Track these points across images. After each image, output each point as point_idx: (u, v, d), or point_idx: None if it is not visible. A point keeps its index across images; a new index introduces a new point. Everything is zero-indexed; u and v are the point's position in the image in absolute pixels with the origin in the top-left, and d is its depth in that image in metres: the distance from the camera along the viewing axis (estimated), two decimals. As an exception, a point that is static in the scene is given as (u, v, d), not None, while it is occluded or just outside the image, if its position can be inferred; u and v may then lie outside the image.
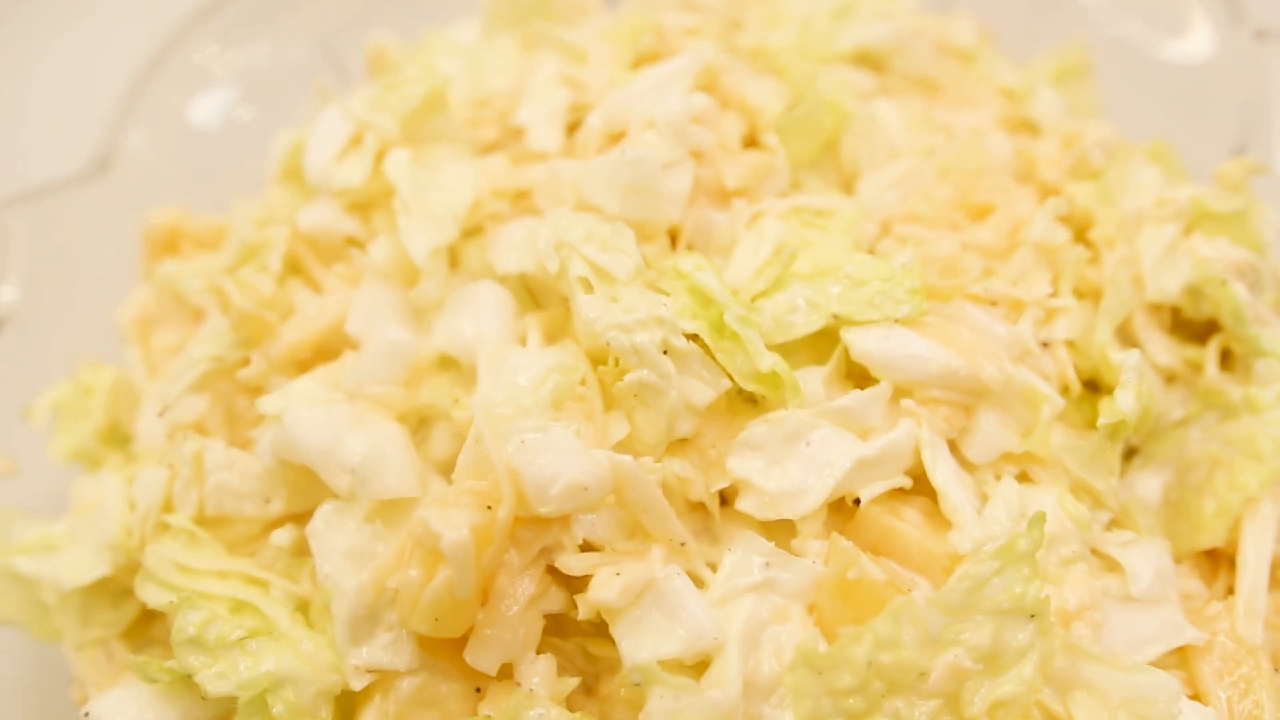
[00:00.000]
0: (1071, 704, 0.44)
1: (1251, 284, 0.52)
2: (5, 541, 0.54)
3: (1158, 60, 0.66)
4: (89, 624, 0.53)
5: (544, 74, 0.60)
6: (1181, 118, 0.65)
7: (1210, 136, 0.63)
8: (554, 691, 0.44)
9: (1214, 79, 0.64)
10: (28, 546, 0.53)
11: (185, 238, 0.63)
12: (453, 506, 0.43)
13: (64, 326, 0.64)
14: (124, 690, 0.48)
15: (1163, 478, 0.52)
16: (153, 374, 0.59)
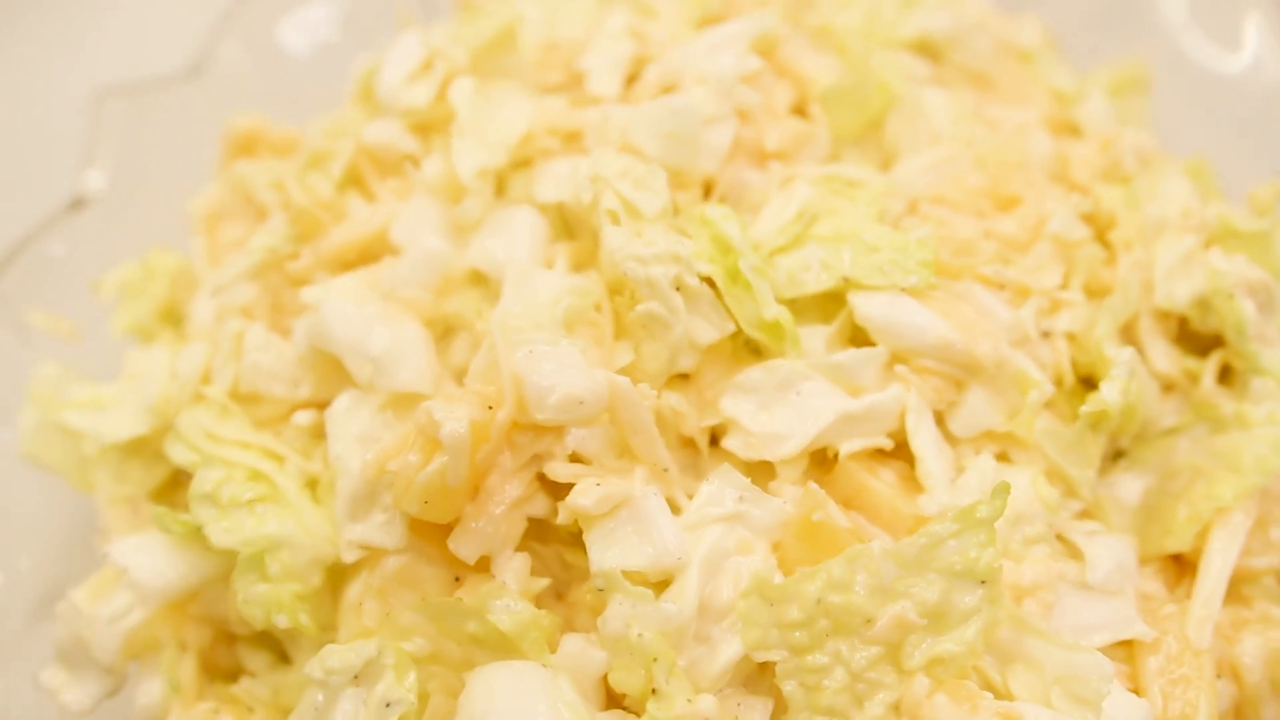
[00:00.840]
0: (1010, 675, 0.45)
1: (1262, 304, 0.52)
2: (60, 397, 0.59)
3: (1220, 78, 0.67)
4: (122, 480, 0.57)
5: (613, 25, 0.62)
6: (1235, 137, 0.65)
7: (1262, 158, 0.64)
8: (524, 588, 0.47)
9: (1272, 100, 0.64)
10: (79, 404, 0.58)
11: (262, 144, 0.67)
12: (457, 402, 0.46)
13: (141, 213, 0.69)
14: (142, 538, 0.52)
15: (1145, 481, 0.53)
16: (214, 263, 0.63)
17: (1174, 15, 0.72)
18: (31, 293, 0.65)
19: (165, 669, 0.51)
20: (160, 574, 0.51)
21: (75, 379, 0.60)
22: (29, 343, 0.63)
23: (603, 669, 0.46)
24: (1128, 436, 0.54)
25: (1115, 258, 0.54)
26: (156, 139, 0.71)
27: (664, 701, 0.43)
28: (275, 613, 0.47)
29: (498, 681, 0.45)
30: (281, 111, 0.72)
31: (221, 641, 0.53)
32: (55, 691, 0.51)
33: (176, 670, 0.51)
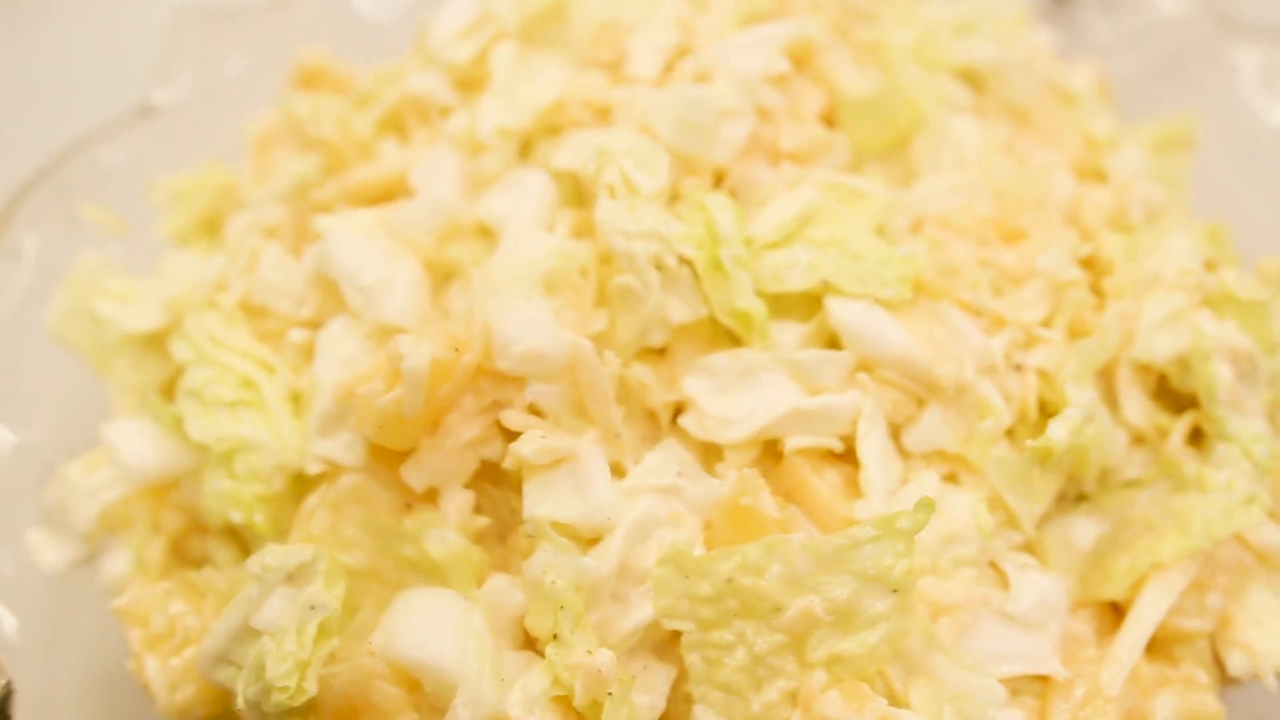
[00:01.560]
0: (912, 686, 0.46)
1: (1244, 373, 0.52)
2: (94, 285, 0.63)
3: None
4: (137, 370, 0.61)
5: (664, 13, 0.64)
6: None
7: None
8: (464, 523, 0.50)
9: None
10: (109, 293, 0.62)
11: (324, 80, 0.71)
12: (426, 339, 0.49)
13: (205, 130, 0.73)
14: (137, 423, 0.56)
15: (1100, 528, 0.53)
16: (257, 184, 0.67)
17: (1246, 73, 0.71)
18: (91, 191, 0.69)
19: (134, 546, 0.54)
20: (144, 457, 0.54)
21: (112, 271, 0.64)
22: (79, 235, 0.67)
23: (521, 611, 0.48)
24: (1091, 481, 0.54)
25: (1105, 304, 0.54)
26: (229, 63, 0.75)
27: (564, 648, 0.45)
28: (233, 508, 0.51)
29: (418, 604, 0.47)
30: (354, 55, 0.76)
31: (194, 531, 0.56)
32: (34, 550, 0.55)
33: (145, 549, 0.54)
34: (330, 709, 0.46)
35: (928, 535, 0.49)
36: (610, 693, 0.44)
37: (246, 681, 0.46)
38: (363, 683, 0.46)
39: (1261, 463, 0.51)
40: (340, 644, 0.47)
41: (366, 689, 0.46)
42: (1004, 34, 0.66)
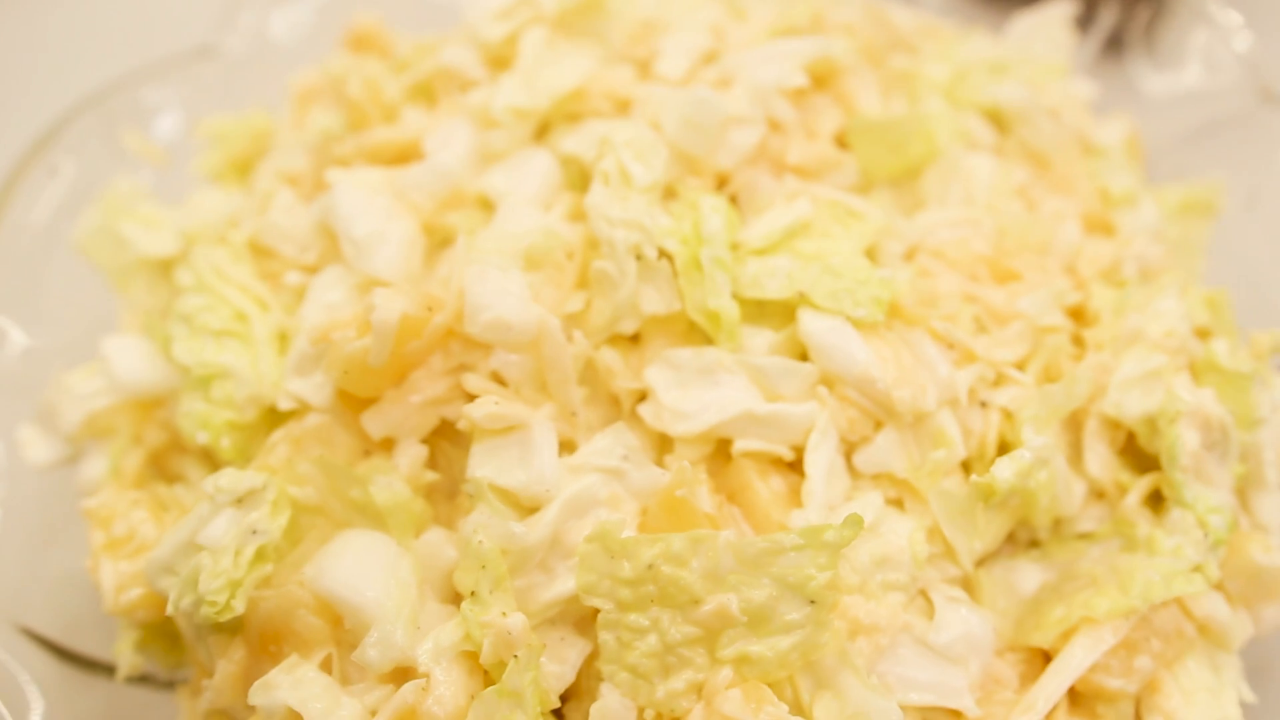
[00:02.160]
0: (818, 699, 0.46)
1: (1213, 442, 0.51)
2: (125, 208, 0.66)
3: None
4: (150, 293, 0.64)
5: (700, 17, 0.66)
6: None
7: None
8: (413, 475, 0.51)
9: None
10: (137, 218, 0.65)
11: (374, 45, 0.74)
12: (402, 295, 0.51)
13: (256, 75, 0.76)
14: (135, 340, 0.59)
15: (1045, 577, 0.52)
16: (292, 134, 0.70)
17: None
18: (140, 124, 0.73)
19: (113, 454, 0.57)
20: (133, 372, 0.57)
21: (143, 198, 0.67)
22: (120, 163, 0.70)
23: (451, 566, 0.49)
24: (1044, 529, 0.53)
25: (1085, 355, 0.53)
26: (292, 17, 0.78)
27: (480, 606, 0.46)
28: (202, 429, 0.53)
29: (353, 544, 0.49)
30: (413, 28, 0.79)
31: (173, 449, 0.59)
32: (23, 445, 0.58)
33: (123, 458, 0.57)
34: (255, 630, 0.48)
35: (861, 555, 0.49)
36: (516, 655, 0.45)
37: (181, 591, 0.48)
38: (288, 609, 0.48)
39: (1216, 534, 0.50)
40: (275, 571, 0.49)
41: (290, 616, 0.48)
42: (1037, 79, 0.66)
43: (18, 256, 0.66)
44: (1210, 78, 0.68)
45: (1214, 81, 0.68)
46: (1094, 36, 0.74)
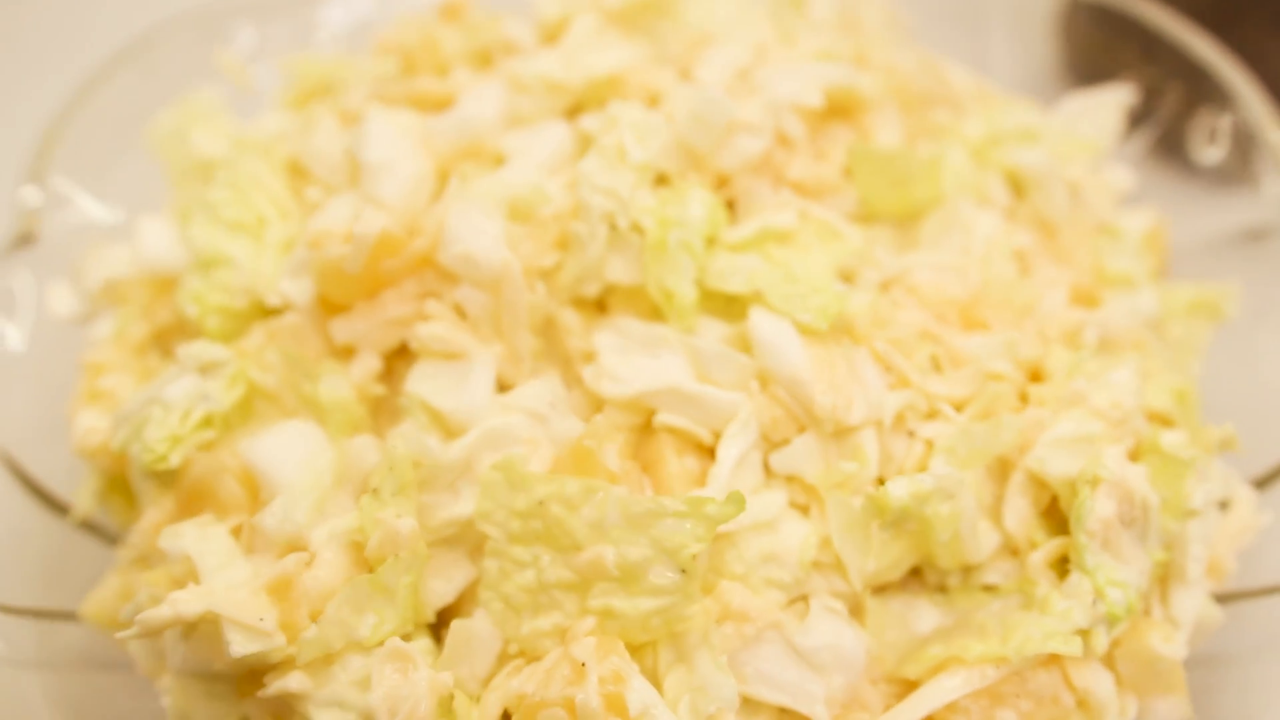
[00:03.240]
0: (671, 671, 0.48)
1: (1129, 519, 0.51)
2: (199, 116, 0.72)
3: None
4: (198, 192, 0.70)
5: (749, 34, 0.68)
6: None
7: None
8: (364, 384, 0.55)
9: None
10: (206, 126, 0.71)
11: (461, 13, 0.79)
12: (386, 214, 0.55)
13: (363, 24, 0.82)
14: (166, 223, 0.64)
15: (943, 621, 0.52)
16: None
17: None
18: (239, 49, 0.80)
19: (122, 320, 0.63)
20: (156, 249, 0.62)
21: (218, 111, 0.73)
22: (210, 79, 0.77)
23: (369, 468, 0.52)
24: (954, 575, 0.53)
25: (1021, 409, 0.54)
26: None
27: (377, 504, 0.49)
28: (193, 304, 0.58)
29: (289, 428, 0.53)
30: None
31: (178, 330, 0.63)
32: (52, 297, 0.64)
33: (129, 326, 0.62)
34: (185, 486, 0.52)
35: (751, 547, 0.50)
36: (397, 555, 0.48)
37: (129, 433, 0.53)
38: (216, 472, 0.52)
39: (1112, 608, 0.49)
40: (217, 440, 0.53)
41: (217, 479, 0.52)
42: (1066, 153, 0.67)
43: (103, 138, 0.72)
44: (1257, 194, 0.68)
45: (1260, 197, 0.67)
46: (1150, 130, 0.74)
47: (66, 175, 0.69)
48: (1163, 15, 0.73)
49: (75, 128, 0.70)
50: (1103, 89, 0.73)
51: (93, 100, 0.71)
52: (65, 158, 0.70)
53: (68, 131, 0.70)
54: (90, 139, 0.72)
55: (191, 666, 0.48)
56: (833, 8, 0.76)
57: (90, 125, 0.71)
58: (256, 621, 0.45)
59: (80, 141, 0.70)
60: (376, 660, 0.46)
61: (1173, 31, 0.72)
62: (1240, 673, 0.54)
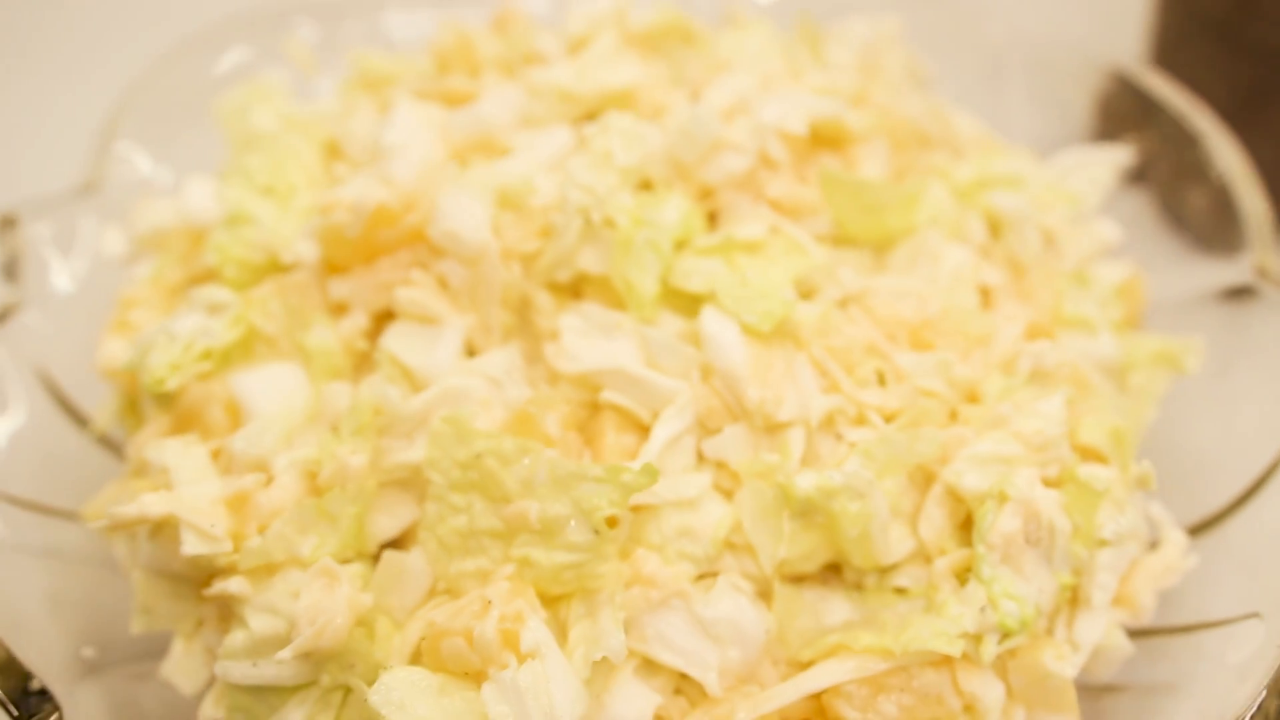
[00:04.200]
0: (577, 622, 0.52)
1: (1035, 539, 0.53)
2: (263, 96, 0.79)
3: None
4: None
5: (760, 67, 0.73)
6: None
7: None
8: (350, 337, 0.60)
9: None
10: (269, 106, 0.79)
11: (512, 29, 0.85)
12: (386, 189, 0.61)
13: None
14: (207, 183, 0.71)
15: (851, 616, 0.55)
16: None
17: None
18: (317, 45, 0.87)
19: (159, 265, 0.70)
20: (198, 204, 0.69)
21: (281, 93, 0.81)
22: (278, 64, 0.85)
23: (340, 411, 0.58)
24: (869, 576, 0.56)
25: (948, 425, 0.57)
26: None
27: (334, 440, 0.54)
28: (216, 253, 0.64)
29: (274, 368, 0.59)
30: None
31: (208, 279, 0.70)
32: (106, 239, 0.72)
33: (166, 270, 0.69)
34: (180, 408, 0.58)
35: (670, 521, 0.54)
36: (344, 486, 0.53)
37: (137, 355, 0.59)
38: (206, 400, 0.58)
39: (1005, 619, 0.51)
40: (213, 370, 0.59)
41: (206, 405, 0.58)
42: (1046, 201, 0.69)
43: (171, 107, 0.80)
44: (1234, 259, 0.69)
45: (1237, 263, 0.69)
46: (1148, 191, 0.76)
47: (134, 140, 0.77)
48: (1167, 87, 0.75)
49: (147, 101, 0.78)
50: (1103, 148, 0.75)
51: (165, 77, 0.79)
52: (135, 126, 0.77)
53: (139, 103, 0.78)
54: (160, 112, 0.80)
55: (156, 565, 0.54)
56: (854, 52, 0.80)
57: (161, 100, 0.79)
58: (209, 527, 0.51)
59: (150, 113, 0.78)
60: (308, 575, 0.51)
61: (1175, 103, 0.74)
62: (1143, 704, 0.55)
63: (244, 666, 0.50)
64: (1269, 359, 0.62)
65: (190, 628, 0.56)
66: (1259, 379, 0.62)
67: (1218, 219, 0.71)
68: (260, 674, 0.50)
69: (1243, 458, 0.61)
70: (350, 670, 0.51)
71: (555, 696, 0.47)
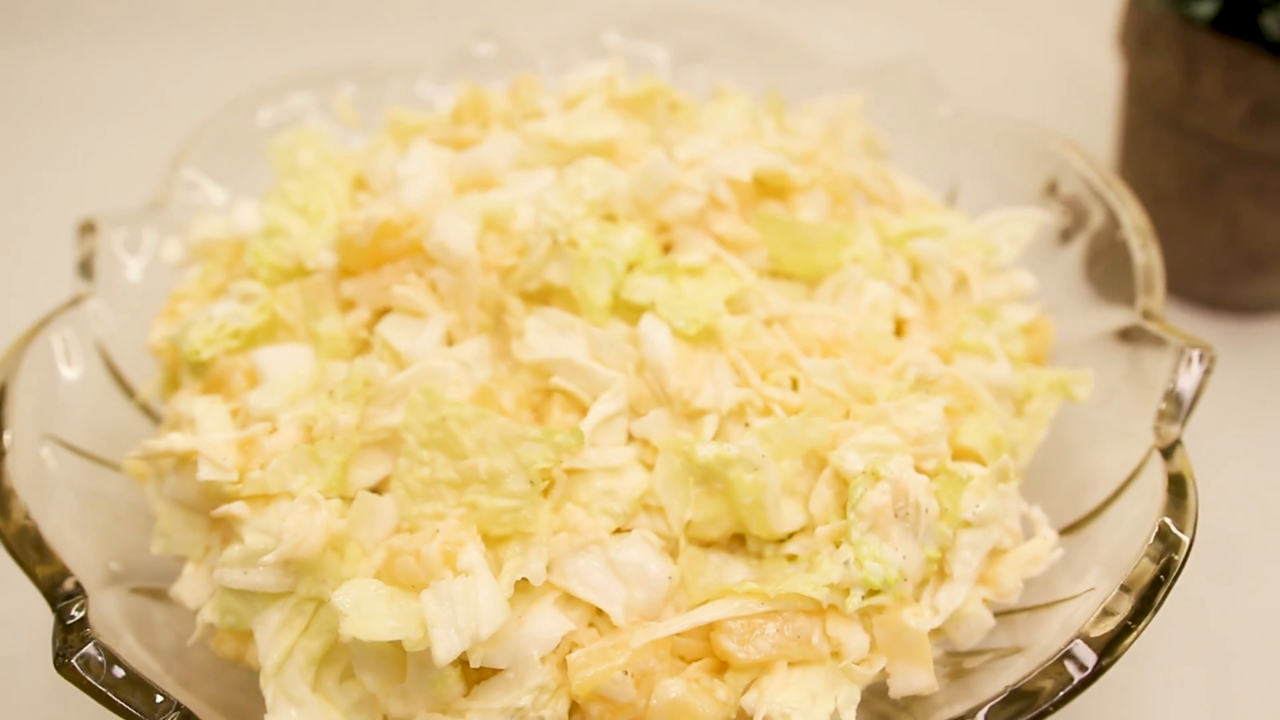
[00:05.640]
0: (512, 558, 0.62)
1: (902, 514, 0.62)
2: (310, 140, 0.94)
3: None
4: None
5: (724, 130, 0.85)
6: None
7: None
8: (353, 328, 0.72)
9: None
10: (314, 147, 0.93)
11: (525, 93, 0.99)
12: (392, 208, 0.74)
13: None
14: (252, 204, 0.85)
15: (745, 575, 0.65)
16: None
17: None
18: (364, 99, 1.02)
19: (206, 270, 0.83)
20: (244, 220, 0.83)
21: (325, 139, 0.95)
22: (327, 115, 1.00)
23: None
24: (768, 547, 0.66)
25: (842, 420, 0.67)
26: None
27: (329, 402, 0.66)
28: (252, 256, 0.78)
29: (289, 347, 0.72)
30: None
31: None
32: (165, 248, 0.86)
33: (212, 273, 0.83)
34: (209, 375, 0.71)
35: (596, 483, 0.65)
36: (333, 438, 0.65)
37: (179, 330, 0.72)
38: (231, 369, 0.70)
39: (868, 576, 0.61)
40: (239, 346, 0.72)
41: (231, 374, 0.70)
42: (962, 249, 0.80)
43: (234, 144, 0.95)
44: (1129, 305, 0.78)
45: (1132, 308, 0.78)
46: (1070, 248, 0.86)
47: (200, 169, 0.92)
48: (1088, 164, 0.85)
49: (214, 137, 0.93)
50: (1026, 209, 0.86)
51: (230, 119, 0.94)
52: (203, 157, 0.92)
53: (208, 138, 0.93)
54: (224, 147, 0.95)
55: (176, 495, 0.66)
56: (818, 123, 0.92)
57: (226, 137, 0.94)
58: (221, 460, 0.63)
59: (216, 148, 0.93)
60: (295, 502, 0.62)
61: (1093, 178, 0.84)
62: (995, 664, 0.63)
63: (236, 573, 0.61)
64: (1146, 387, 0.71)
65: (200, 553, 0.68)
66: (1136, 404, 0.71)
67: (1121, 272, 0.81)
68: (248, 580, 0.61)
69: (1113, 471, 0.70)
70: (323, 584, 0.62)
71: (481, 605, 0.58)
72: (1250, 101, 0.93)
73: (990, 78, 1.32)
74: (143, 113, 1.27)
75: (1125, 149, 1.10)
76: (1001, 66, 1.35)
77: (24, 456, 0.67)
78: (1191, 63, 0.94)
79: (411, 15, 1.43)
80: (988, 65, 1.35)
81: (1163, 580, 0.58)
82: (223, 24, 1.43)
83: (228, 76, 1.13)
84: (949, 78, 1.02)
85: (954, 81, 1.05)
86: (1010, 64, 1.36)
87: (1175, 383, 0.68)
